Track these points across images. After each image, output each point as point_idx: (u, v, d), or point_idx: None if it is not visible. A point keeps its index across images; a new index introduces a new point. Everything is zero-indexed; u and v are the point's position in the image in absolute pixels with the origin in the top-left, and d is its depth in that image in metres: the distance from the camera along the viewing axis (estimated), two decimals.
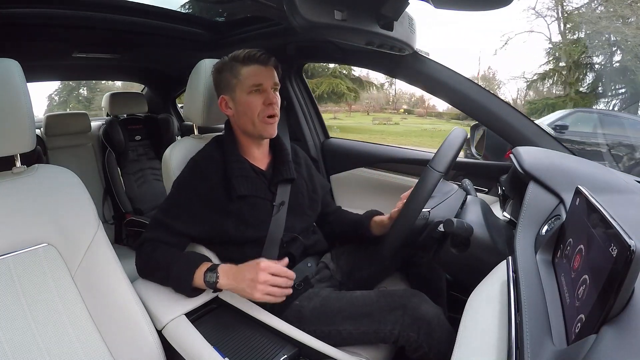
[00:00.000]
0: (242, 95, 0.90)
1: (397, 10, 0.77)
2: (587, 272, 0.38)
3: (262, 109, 0.89)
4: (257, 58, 0.89)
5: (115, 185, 1.96)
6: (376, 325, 0.77)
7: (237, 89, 0.90)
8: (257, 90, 0.89)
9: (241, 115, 0.91)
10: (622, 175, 0.77)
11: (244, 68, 0.89)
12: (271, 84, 0.91)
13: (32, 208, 0.68)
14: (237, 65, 0.90)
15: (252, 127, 0.91)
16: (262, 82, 0.89)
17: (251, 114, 0.90)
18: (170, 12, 1.35)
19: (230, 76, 0.91)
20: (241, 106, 0.90)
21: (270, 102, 0.89)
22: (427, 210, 0.82)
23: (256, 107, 0.89)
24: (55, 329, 0.66)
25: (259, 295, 0.74)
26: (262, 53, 0.90)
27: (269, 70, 0.91)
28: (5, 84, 0.63)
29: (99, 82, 12.93)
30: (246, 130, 0.93)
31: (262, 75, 0.89)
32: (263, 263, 0.76)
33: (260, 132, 0.92)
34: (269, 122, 0.91)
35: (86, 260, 0.71)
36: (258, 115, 0.89)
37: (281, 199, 0.93)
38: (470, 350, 0.45)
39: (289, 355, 0.70)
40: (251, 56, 0.89)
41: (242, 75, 0.89)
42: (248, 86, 0.89)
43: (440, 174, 0.74)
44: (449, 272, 0.97)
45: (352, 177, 1.51)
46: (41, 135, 1.87)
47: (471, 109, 1.06)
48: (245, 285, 0.76)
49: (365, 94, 15.72)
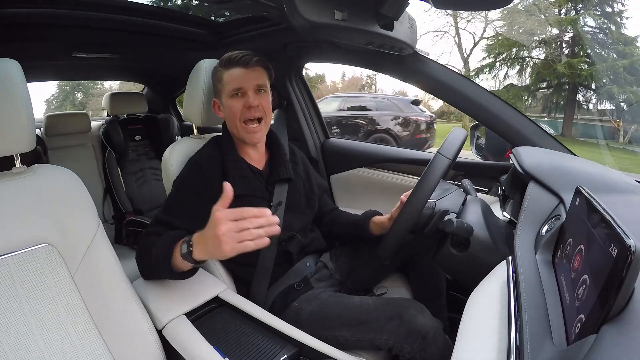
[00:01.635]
0: (226, 99, 0.91)
1: (397, 10, 0.77)
2: (587, 272, 0.38)
3: (243, 112, 0.89)
4: (237, 60, 0.89)
5: (115, 185, 1.95)
6: (372, 334, 0.78)
7: (222, 93, 0.91)
8: (237, 94, 0.89)
9: (228, 119, 0.93)
10: (622, 175, 0.77)
11: (225, 72, 0.90)
12: (253, 86, 0.89)
13: (32, 208, 0.68)
14: (219, 69, 0.91)
15: (237, 131, 0.92)
16: (242, 85, 0.89)
17: (233, 118, 0.90)
18: (170, 12, 1.35)
19: (216, 80, 0.92)
20: (226, 110, 0.92)
21: (249, 106, 0.88)
22: (434, 201, 0.82)
23: (237, 111, 0.89)
24: (55, 328, 0.66)
25: (228, 249, 0.62)
26: (244, 55, 0.89)
27: (251, 72, 0.89)
28: (5, 84, 0.63)
29: (93, 87, 13.07)
30: (233, 133, 0.94)
31: (241, 79, 0.89)
32: (218, 212, 0.64)
33: (243, 137, 0.92)
34: (250, 130, 0.90)
35: (86, 260, 0.71)
36: (240, 119, 0.90)
37: (278, 199, 0.93)
38: (470, 350, 0.45)
39: (289, 355, 0.70)
40: (232, 59, 0.89)
41: (224, 80, 0.90)
42: (229, 90, 0.89)
43: (450, 160, 0.75)
44: (449, 272, 0.97)
45: (351, 177, 1.51)
46: (41, 135, 1.87)
47: (471, 109, 1.06)
48: (212, 245, 0.64)
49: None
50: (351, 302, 0.84)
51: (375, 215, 1.02)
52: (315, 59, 1.62)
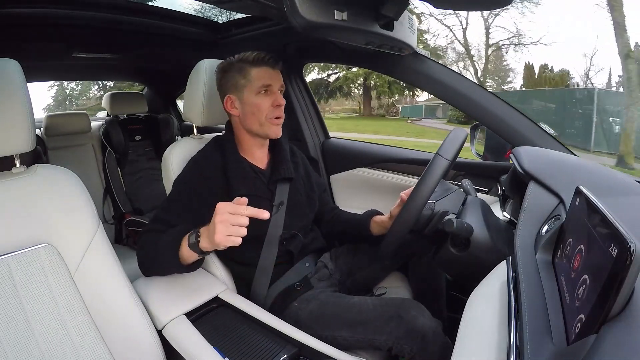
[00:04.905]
0: (250, 96, 0.90)
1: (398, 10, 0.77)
2: (587, 272, 0.38)
3: (270, 110, 0.91)
4: (266, 61, 0.91)
5: (115, 185, 1.95)
6: (371, 334, 0.78)
7: (246, 89, 0.91)
8: (266, 91, 0.90)
9: (248, 116, 0.92)
10: (622, 175, 0.77)
11: (254, 69, 0.90)
12: (278, 86, 0.93)
13: (32, 208, 0.68)
14: (246, 66, 0.91)
15: (259, 127, 0.92)
16: (271, 83, 0.91)
17: (259, 115, 0.91)
18: (170, 12, 1.35)
19: (238, 76, 0.91)
20: (249, 107, 0.91)
21: (278, 104, 0.91)
22: (433, 202, 0.82)
23: (264, 108, 0.90)
24: (55, 328, 0.66)
25: (218, 237, 0.65)
26: (270, 56, 0.92)
27: (276, 73, 0.92)
28: (5, 84, 0.63)
29: (80, 98, 13.68)
30: (252, 130, 0.93)
31: (271, 77, 0.91)
32: (220, 204, 0.67)
33: (267, 133, 0.93)
34: (276, 123, 0.92)
35: (86, 260, 0.71)
36: (266, 116, 0.91)
37: (280, 198, 0.93)
38: (470, 350, 0.45)
39: (289, 355, 0.70)
40: (260, 58, 0.91)
41: (252, 76, 0.90)
42: (257, 87, 0.90)
43: (449, 161, 0.75)
44: (449, 272, 0.97)
45: (351, 177, 1.51)
46: (41, 135, 1.86)
47: (471, 109, 1.06)
48: (210, 232, 0.67)
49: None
50: (351, 302, 0.84)
51: (376, 215, 1.03)
52: (315, 59, 1.62)
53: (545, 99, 10.00)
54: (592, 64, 15.31)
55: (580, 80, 13.80)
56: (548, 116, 9.25)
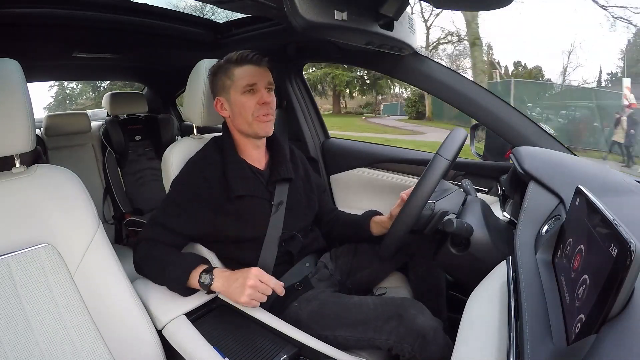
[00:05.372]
0: (236, 95, 0.90)
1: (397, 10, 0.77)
2: (587, 272, 0.38)
3: (257, 109, 0.90)
4: (249, 59, 0.90)
5: (115, 185, 1.95)
6: (371, 334, 0.78)
7: (232, 90, 0.91)
8: (251, 90, 0.90)
9: (236, 116, 0.92)
10: (622, 175, 0.77)
11: (237, 69, 0.90)
12: (265, 83, 0.91)
13: (32, 208, 0.68)
14: (230, 66, 0.91)
15: (248, 126, 0.91)
16: (256, 81, 0.90)
17: (246, 114, 0.90)
18: (170, 12, 1.35)
19: (224, 78, 0.91)
20: (236, 107, 0.91)
21: (264, 102, 0.90)
22: (433, 202, 0.82)
23: (250, 107, 0.90)
24: (55, 328, 0.66)
25: (245, 299, 0.75)
26: (255, 54, 0.91)
27: (262, 71, 0.91)
28: (5, 84, 0.63)
29: (72, 103, 13.96)
30: (242, 130, 0.93)
31: (255, 75, 0.90)
32: (255, 269, 0.78)
33: (256, 131, 0.92)
34: (264, 121, 0.91)
35: (86, 260, 0.71)
36: (252, 114, 0.90)
37: (279, 199, 0.93)
38: (470, 350, 0.45)
39: (289, 355, 0.70)
40: (244, 57, 0.90)
41: (236, 76, 0.90)
42: (241, 86, 0.89)
43: (449, 161, 0.75)
44: (449, 272, 0.97)
45: (351, 177, 1.50)
46: (41, 135, 1.86)
47: (471, 109, 1.06)
48: (235, 288, 0.77)
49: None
50: (351, 302, 0.84)
51: (376, 215, 1.02)
52: (315, 59, 1.62)
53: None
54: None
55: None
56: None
